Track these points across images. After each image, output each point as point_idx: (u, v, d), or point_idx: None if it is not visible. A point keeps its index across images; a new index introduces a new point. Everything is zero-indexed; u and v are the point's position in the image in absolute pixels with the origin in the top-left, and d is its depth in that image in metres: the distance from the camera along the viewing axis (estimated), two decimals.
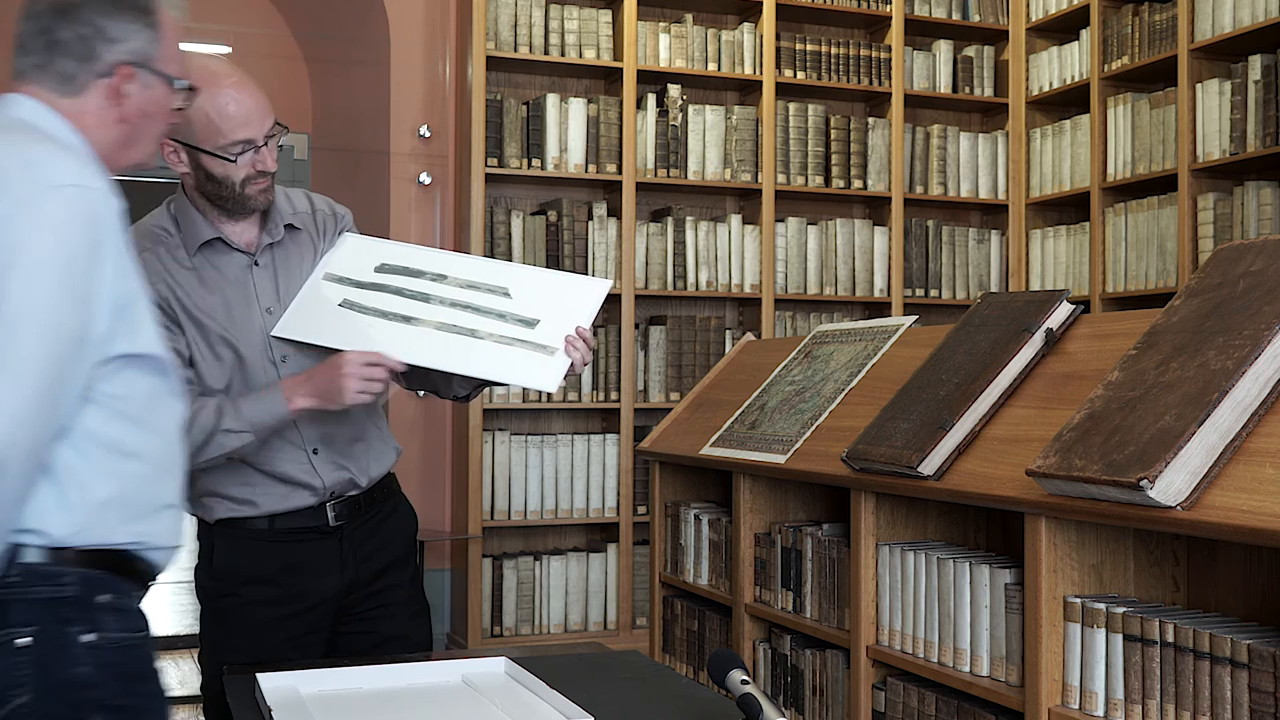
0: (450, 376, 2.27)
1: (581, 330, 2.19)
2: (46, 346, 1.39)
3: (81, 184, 1.45)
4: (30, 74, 1.56)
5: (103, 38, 1.55)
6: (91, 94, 1.56)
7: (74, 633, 1.46)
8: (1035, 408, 2.01)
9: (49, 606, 1.45)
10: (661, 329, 4.88)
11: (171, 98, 1.64)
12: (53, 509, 1.46)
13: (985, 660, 2.02)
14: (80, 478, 1.47)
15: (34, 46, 1.55)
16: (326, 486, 2.23)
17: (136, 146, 1.63)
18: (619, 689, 1.93)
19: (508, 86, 4.88)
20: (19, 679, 1.42)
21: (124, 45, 1.56)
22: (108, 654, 1.48)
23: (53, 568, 1.46)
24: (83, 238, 1.43)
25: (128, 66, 1.57)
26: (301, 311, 2.21)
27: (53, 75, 1.55)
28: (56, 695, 1.44)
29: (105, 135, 1.58)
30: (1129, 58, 4.77)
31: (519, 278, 2.27)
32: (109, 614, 1.49)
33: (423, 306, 2.21)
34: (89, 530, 1.48)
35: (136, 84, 1.58)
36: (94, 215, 1.45)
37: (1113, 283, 4.89)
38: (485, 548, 4.70)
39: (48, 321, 1.40)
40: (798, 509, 2.75)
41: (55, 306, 1.40)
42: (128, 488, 1.52)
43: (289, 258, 2.26)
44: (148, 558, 1.56)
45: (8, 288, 1.38)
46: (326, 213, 2.34)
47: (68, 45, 1.54)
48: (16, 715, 1.42)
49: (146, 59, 1.59)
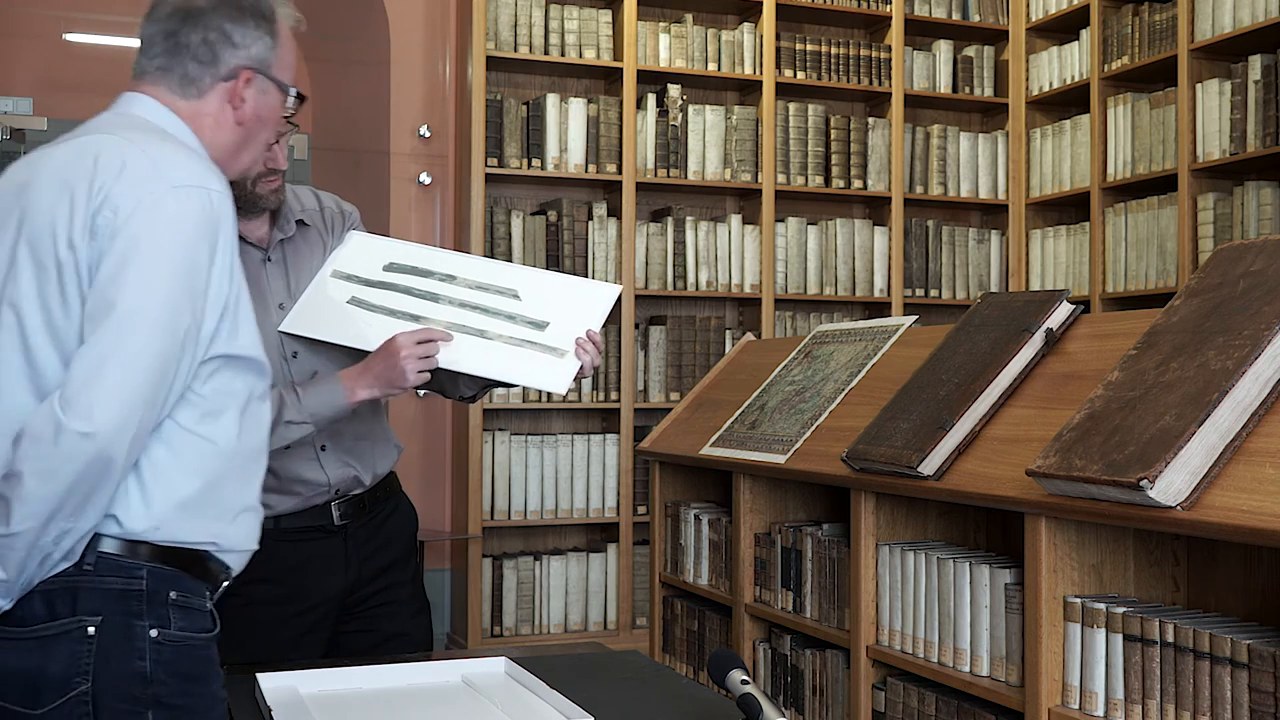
0: (457, 377, 2.27)
1: (592, 333, 2.19)
2: (158, 342, 1.43)
3: (203, 185, 1.50)
4: (152, 75, 1.62)
5: (227, 42, 1.62)
6: (212, 96, 1.63)
7: (140, 627, 1.48)
8: (1035, 408, 2.01)
9: (119, 598, 1.47)
10: (661, 329, 4.88)
11: (283, 104, 1.71)
12: (136, 501, 1.48)
13: (985, 660, 2.02)
14: (167, 474, 1.50)
15: (158, 49, 1.61)
16: (332, 484, 2.24)
17: (247, 151, 1.70)
18: (619, 689, 1.93)
19: (508, 86, 4.88)
20: (82, 666, 1.45)
21: (246, 50, 1.63)
22: (169, 651, 1.50)
23: (127, 560, 1.48)
24: (200, 237, 1.48)
25: (248, 71, 1.63)
26: (309, 308, 2.21)
27: (176, 77, 1.61)
28: (115, 686, 1.46)
29: (221, 138, 1.64)
30: (1129, 58, 4.77)
31: (528, 280, 2.27)
32: (176, 611, 1.51)
33: (431, 306, 2.21)
34: (167, 526, 1.50)
35: (254, 89, 1.65)
36: (212, 216, 1.49)
37: (1113, 283, 4.89)
38: (485, 548, 4.70)
39: (161, 318, 1.44)
40: (798, 509, 2.75)
41: (169, 304, 1.44)
42: (211, 487, 1.54)
43: (299, 254, 2.26)
44: (221, 559, 1.58)
45: (125, 282, 1.43)
46: (334, 210, 2.35)
47: (193, 48, 1.60)
48: (76, 702, 1.44)
49: (265, 65, 1.65)
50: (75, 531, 1.43)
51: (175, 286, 1.45)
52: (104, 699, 1.45)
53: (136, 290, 1.43)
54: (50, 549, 1.42)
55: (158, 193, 1.46)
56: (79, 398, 1.38)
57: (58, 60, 5.34)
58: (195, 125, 1.62)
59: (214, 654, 1.57)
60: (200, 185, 1.49)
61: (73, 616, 1.46)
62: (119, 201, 1.45)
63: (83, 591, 1.46)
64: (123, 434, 1.40)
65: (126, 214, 1.44)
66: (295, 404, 2.10)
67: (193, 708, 1.52)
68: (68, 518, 1.41)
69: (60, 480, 1.38)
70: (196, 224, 1.48)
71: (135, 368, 1.41)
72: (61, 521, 1.40)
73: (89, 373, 1.40)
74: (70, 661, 1.45)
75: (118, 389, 1.40)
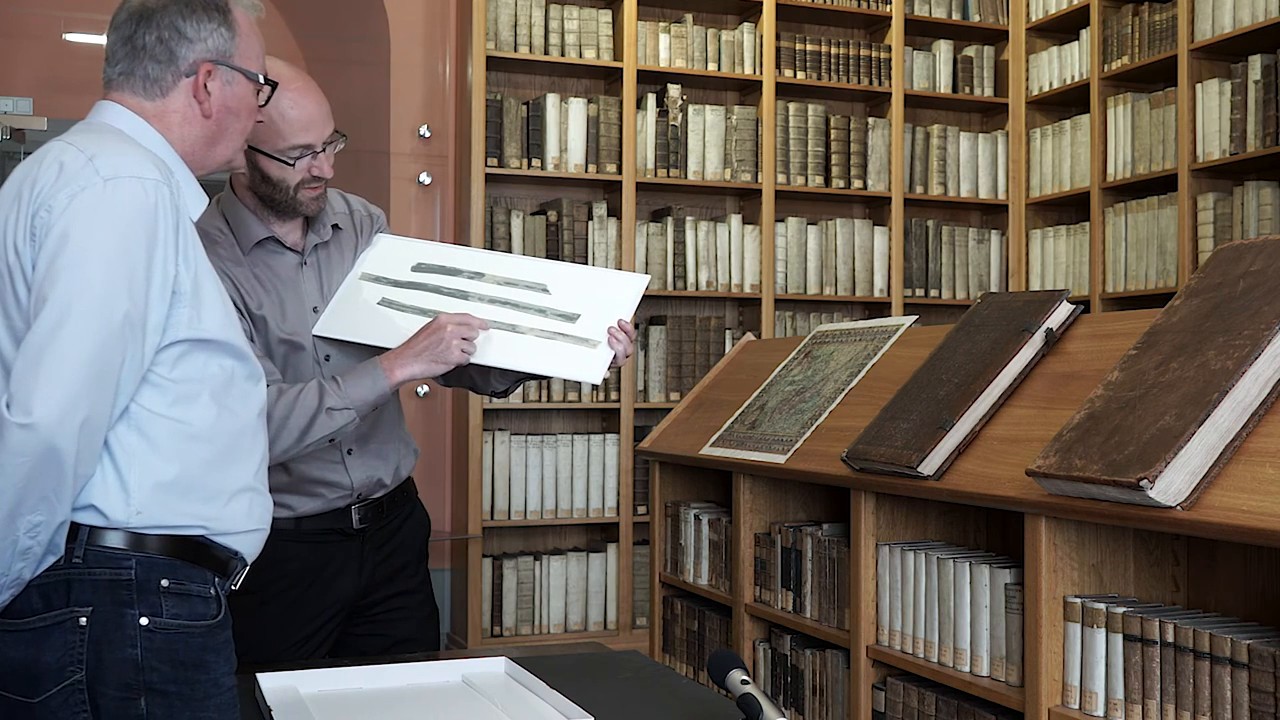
0: (488, 371, 2.27)
1: (623, 322, 2.19)
2: (92, 332, 1.44)
3: (136, 175, 1.51)
4: (117, 81, 1.65)
5: (181, 38, 1.64)
6: (176, 94, 1.65)
7: (131, 615, 1.50)
8: (1035, 408, 2.01)
9: (109, 588, 1.50)
10: (661, 329, 4.88)
11: (253, 93, 1.72)
12: (114, 490, 1.50)
13: (985, 660, 2.02)
14: (143, 460, 1.51)
15: (119, 55, 1.65)
16: (355, 488, 2.24)
17: (222, 143, 1.71)
18: (619, 689, 1.93)
19: (508, 86, 4.88)
20: (76, 655, 1.48)
21: (202, 44, 1.65)
22: (161, 638, 1.51)
23: (116, 550, 1.50)
24: (134, 225, 1.49)
25: (208, 64, 1.65)
26: (341, 310, 2.22)
27: (138, 80, 1.64)
28: (108, 675, 1.48)
29: (191, 132, 1.66)
30: (1129, 58, 4.77)
31: (557, 274, 2.28)
32: (170, 599, 1.52)
33: (461, 303, 2.22)
34: (149, 512, 1.51)
35: (218, 81, 1.67)
36: (146, 204, 1.50)
37: (1113, 283, 4.89)
38: (485, 548, 4.70)
39: (94, 308, 1.44)
40: (798, 509, 2.75)
41: (102, 293, 1.45)
42: (193, 471, 1.55)
43: (331, 258, 2.27)
44: (220, 543, 1.58)
45: (56, 275, 1.44)
46: (363, 213, 2.36)
47: (149, 49, 1.63)
48: (71, 690, 1.47)
49: (225, 55, 1.67)
50: (48, 524, 1.44)
51: (107, 275, 1.46)
52: (98, 687, 1.48)
53: (67, 283, 1.44)
54: (27, 543, 1.44)
55: (87, 186, 1.48)
56: (19, 391, 1.41)
57: (58, 60, 5.33)
58: (163, 124, 1.64)
59: (217, 641, 1.57)
60: (133, 175, 1.50)
61: (65, 608, 1.48)
62: (52, 201, 1.47)
63: (75, 584, 1.49)
64: (66, 424, 1.41)
65: (59, 211, 1.47)
66: (336, 391, 2.09)
67: (189, 695, 1.52)
68: (33, 510, 1.42)
69: (10, 474, 1.40)
70: (128, 213, 1.48)
71: (70, 358, 1.42)
72: (28, 515, 1.42)
73: (26, 366, 1.42)
74: (64, 651, 1.47)
75: (54, 380, 1.41)
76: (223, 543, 1.58)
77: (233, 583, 1.63)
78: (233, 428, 1.60)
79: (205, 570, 1.57)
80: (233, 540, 1.60)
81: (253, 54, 1.71)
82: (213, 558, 1.57)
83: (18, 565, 1.45)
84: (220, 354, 1.58)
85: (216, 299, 1.59)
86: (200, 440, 1.55)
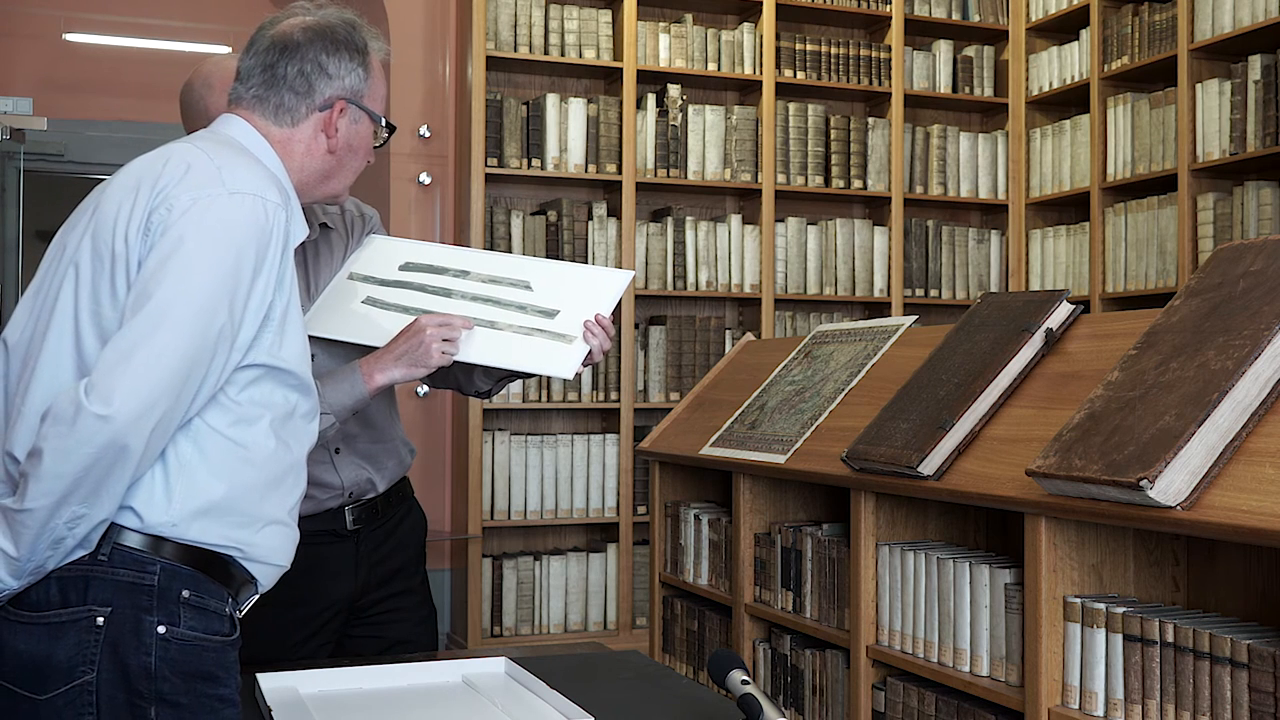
0: (471, 370, 2.27)
1: (600, 317, 2.18)
2: (188, 338, 1.45)
3: (259, 194, 1.54)
4: (248, 101, 1.70)
5: (323, 74, 1.70)
6: (306, 125, 1.71)
7: (149, 622, 1.49)
8: (1035, 408, 2.01)
9: (129, 591, 1.48)
10: (661, 329, 4.88)
11: (374, 133, 1.78)
12: (158, 495, 1.50)
13: (985, 660, 2.02)
14: (192, 473, 1.51)
15: (256, 80, 1.70)
16: (346, 487, 2.24)
17: (336, 179, 1.77)
18: (619, 689, 1.93)
19: (507, 86, 4.88)
20: (88, 655, 1.46)
21: (340, 81, 1.72)
22: (176, 649, 1.50)
23: (142, 554, 1.49)
24: (247, 243, 1.51)
25: (342, 101, 1.71)
26: (326, 309, 2.22)
27: (271, 106, 1.69)
28: (119, 679, 1.47)
29: (311, 164, 1.72)
30: (1129, 58, 4.77)
31: (542, 271, 2.27)
32: (188, 611, 1.52)
33: (444, 301, 2.21)
34: (186, 525, 1.51)
35: (347, 118, 1.73)
36: (263, 224, 1.53)
37: (1113, 283, 4.89)
38: (485, 548, 4.70)
39: (195, 315, 1.46)
40: (798, 509, 2.75)
41: (205, 302, 1.47)
42: (237, 493, 1.54)
43: (320, 256, 2.27)
44: (247, 567, 1.58)
45: (164, 276, 1.46)
46: (355, 213, 2.36)
47: (289, 80, 1.69)
48: (79, 691, 1.46)
49: (358, 95, 1.74)
50: (90, 518, 1.44)
51: (214, 287, 1.47)
52: (107, 690, 1.46)
53: (174, 285, 1.45)
54: (64, 533, 1.43)
55: (213, 195, 1.50)
56: (102, 382, 1.41)
57: (58, 60, 5.33)
58: (286, 151, 1.69)
59: (228, 659, 1.57)
60: (256, 194, 1.53)
61: (83, 605, 1.47)
62: (174, 201, 1.49)
63: (95, 581, 1.47)
64: (141, 423, 1.41)
65: (180, 213, 1.48)
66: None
67: (196, 707, 1.51)
68: (81, 502, 1.42)
69: (74, 460, 1.39)
70: (246, 229, 1.51)
71: (161, 359, 1.43)
72: (74, 505, 1.42)
73: (116, 359, 1.42)
74: (77, 650, 1.46)
75: (140, 378, 1.41)
76: (248, 567, 1.58)
77: (242, 607, 1.62)
78: (284, 460, 1.60)
79: (224, 588, 1.56)
80: (256, 568, 1.60)
81: (379, 96, 1.77)
82: (234, 578, 1.57)
83: (45, 554, 1.44)
84: (289, 386, 1.59)
85: (299, 330, 1.61)
86: (252, 465, 1.55)
